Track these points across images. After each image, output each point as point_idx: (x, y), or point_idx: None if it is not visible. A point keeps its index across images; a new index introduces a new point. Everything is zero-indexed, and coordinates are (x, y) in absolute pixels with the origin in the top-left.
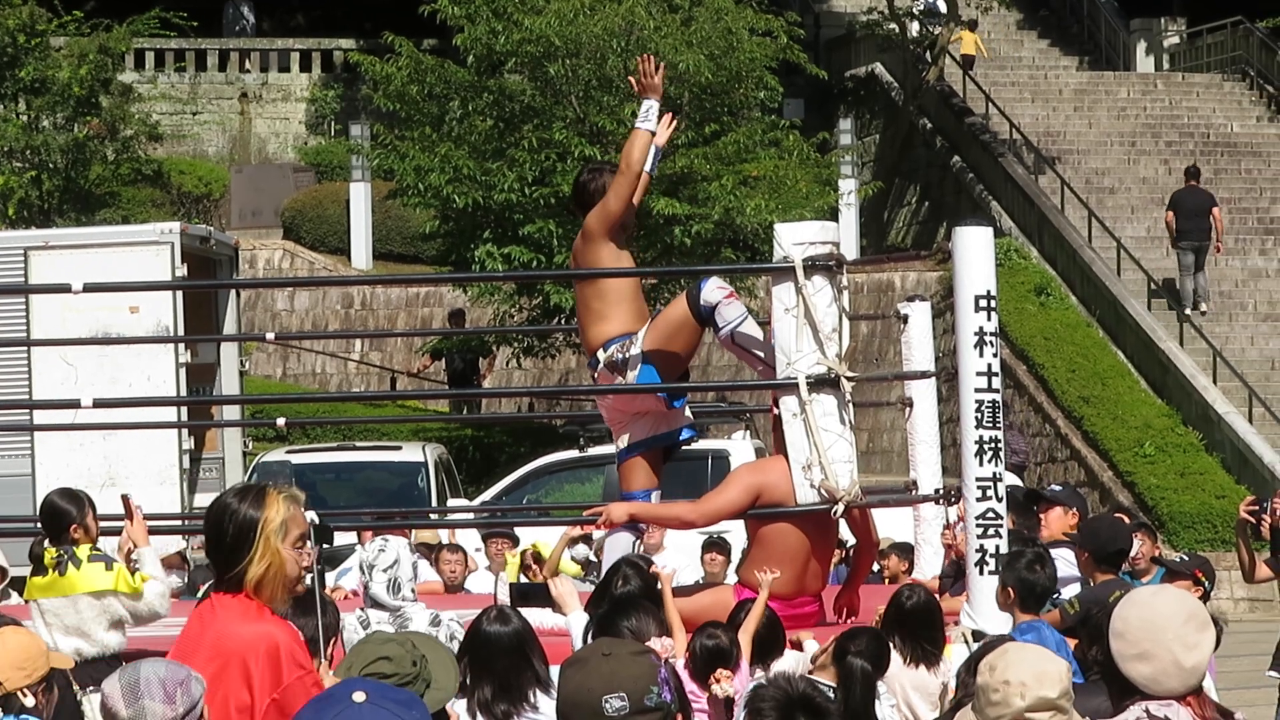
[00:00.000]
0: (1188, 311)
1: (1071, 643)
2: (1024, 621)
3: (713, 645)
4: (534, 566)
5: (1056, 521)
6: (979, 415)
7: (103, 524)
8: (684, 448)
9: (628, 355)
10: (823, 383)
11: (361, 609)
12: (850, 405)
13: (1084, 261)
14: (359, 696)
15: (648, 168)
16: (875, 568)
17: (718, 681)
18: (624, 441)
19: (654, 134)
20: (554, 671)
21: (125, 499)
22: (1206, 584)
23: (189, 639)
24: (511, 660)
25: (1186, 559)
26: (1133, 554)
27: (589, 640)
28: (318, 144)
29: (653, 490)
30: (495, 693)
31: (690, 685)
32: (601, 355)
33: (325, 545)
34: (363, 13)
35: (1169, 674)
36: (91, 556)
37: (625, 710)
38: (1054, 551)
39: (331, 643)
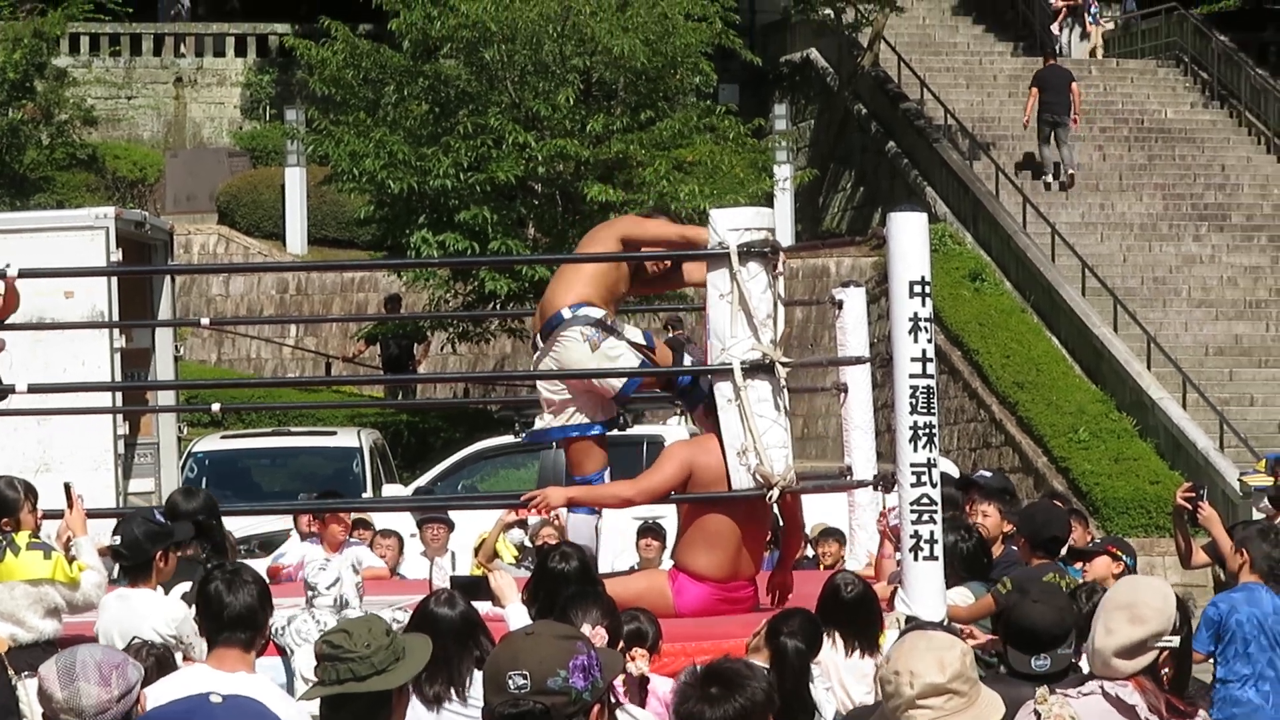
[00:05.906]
0: (1048, 180)
1: None
2: (1246, 581)
3: (634, 628)
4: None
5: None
6: (914, 401)
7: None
8: (619, 432)
9: (608, 332)
10: (757, 368)
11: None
12: (785, 391)
13: (1018, 247)
14: (215, 699)
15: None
16: (810, 553)
17: (633, 660)
18: (565, 418)
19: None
20: None
21: (67, 487)
22: (1126, 558)
23: None
24: (452, 644)
25: (1098, 543)
26: None
27: None
28: (253, 129)
29: (604, 470)
30: (430, 674)
31: None
32: (567, 313)
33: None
34: None
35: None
36: (30, 544)
37: (526, 689)
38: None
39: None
